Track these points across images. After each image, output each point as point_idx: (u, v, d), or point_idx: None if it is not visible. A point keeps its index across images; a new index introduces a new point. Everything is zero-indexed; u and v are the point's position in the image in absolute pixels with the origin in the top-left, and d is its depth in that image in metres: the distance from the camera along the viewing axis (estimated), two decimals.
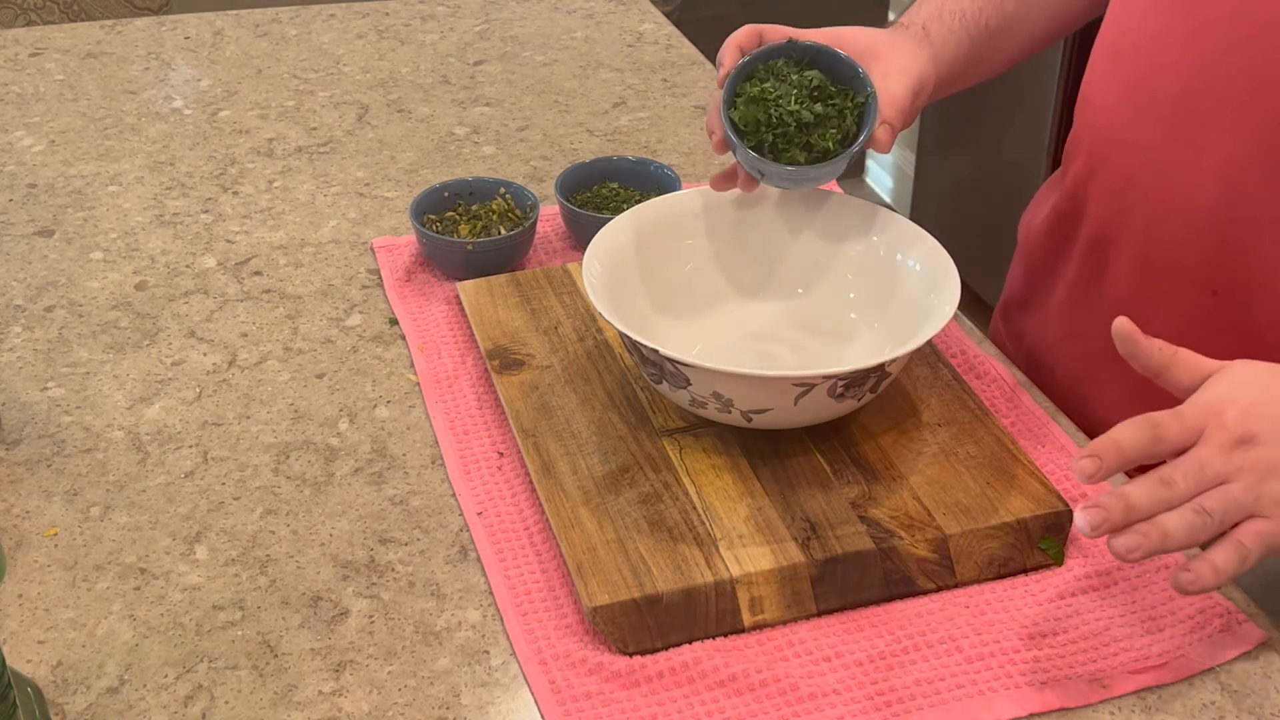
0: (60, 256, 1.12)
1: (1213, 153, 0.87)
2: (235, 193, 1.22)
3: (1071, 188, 1.01)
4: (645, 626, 0.75)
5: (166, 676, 0.75)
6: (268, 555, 0.83)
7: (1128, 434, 0.71)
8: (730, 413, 0.82)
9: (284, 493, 0.88)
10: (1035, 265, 1.08)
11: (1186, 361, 0.75)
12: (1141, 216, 0.92)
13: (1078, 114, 1.01)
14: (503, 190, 1.12)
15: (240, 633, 0.77)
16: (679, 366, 0.80)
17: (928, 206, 2.86)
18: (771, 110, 0.88)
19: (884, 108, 0.88)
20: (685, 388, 0.82)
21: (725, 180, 0.94)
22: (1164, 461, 0.72)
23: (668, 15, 1.64)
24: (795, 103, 0.88)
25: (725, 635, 0.77)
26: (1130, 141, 0.92)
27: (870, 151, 3.13)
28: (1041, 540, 0.81)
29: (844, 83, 0.90)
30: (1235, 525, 0.71)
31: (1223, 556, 0.70)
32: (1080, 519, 0.70)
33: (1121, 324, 0.75)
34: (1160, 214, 0.91)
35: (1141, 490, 0.70)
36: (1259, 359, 0.75)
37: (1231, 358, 0.75)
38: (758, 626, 0.77)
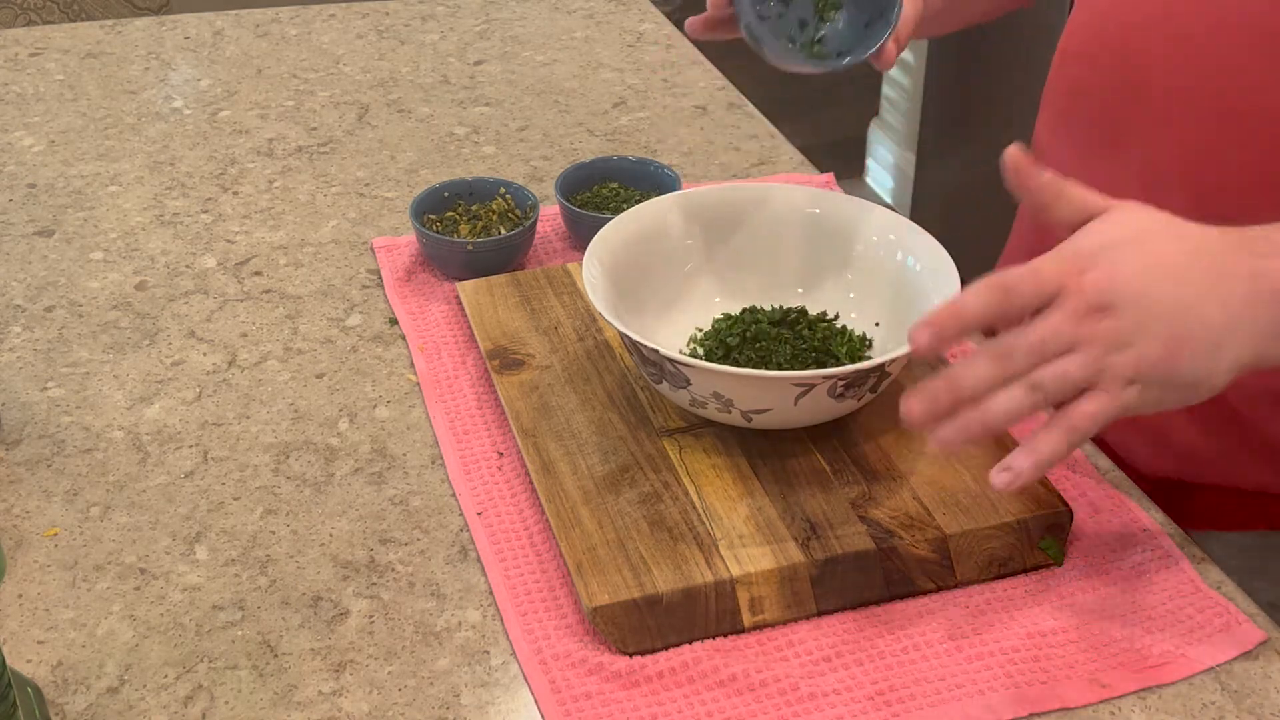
0: (60, 256, 1.12)
1: (1135, 161, 0.87)
2: (235, 193, 1.22)
3: None
4: (645, 626, 0.75)
5: (166, 676, 0.75)
6: (268, 555, 0.83)
7: (974, 301, 0.66)
8: (730, 413, 0.82)
9: (284, 493, 0.88)
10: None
11: (1072, 197, 0.71)
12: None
13: (1037, 120, 1.02)
14: (503, 190, 1.12)
15: (240, 633, 0.77)
16: (679, 366, 0.80)
17: (928, 206, 2.86)
18: None
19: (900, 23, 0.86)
20: (685, 388, 0.82)
21: (702, 25, 0.90)
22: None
23: (668, 15, 1.64)
24: None
25: (725, 635, 0.77)
26: (1067, 144, 0.92)
27: (870, 151, 3.14)
28: (1041, 540, 0.81)
29: None
30: (1068, 401, 0.67)
31: (1049, 444, 0.67)
32: (904, 410, 0.66)
33: (1012, 152, 0.70)
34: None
35: (975, 372, 0.66)
36: None
37: None
38: (758, 626, 0.77)
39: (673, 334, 0.93)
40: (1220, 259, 0.69)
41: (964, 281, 0.86)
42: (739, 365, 0.88)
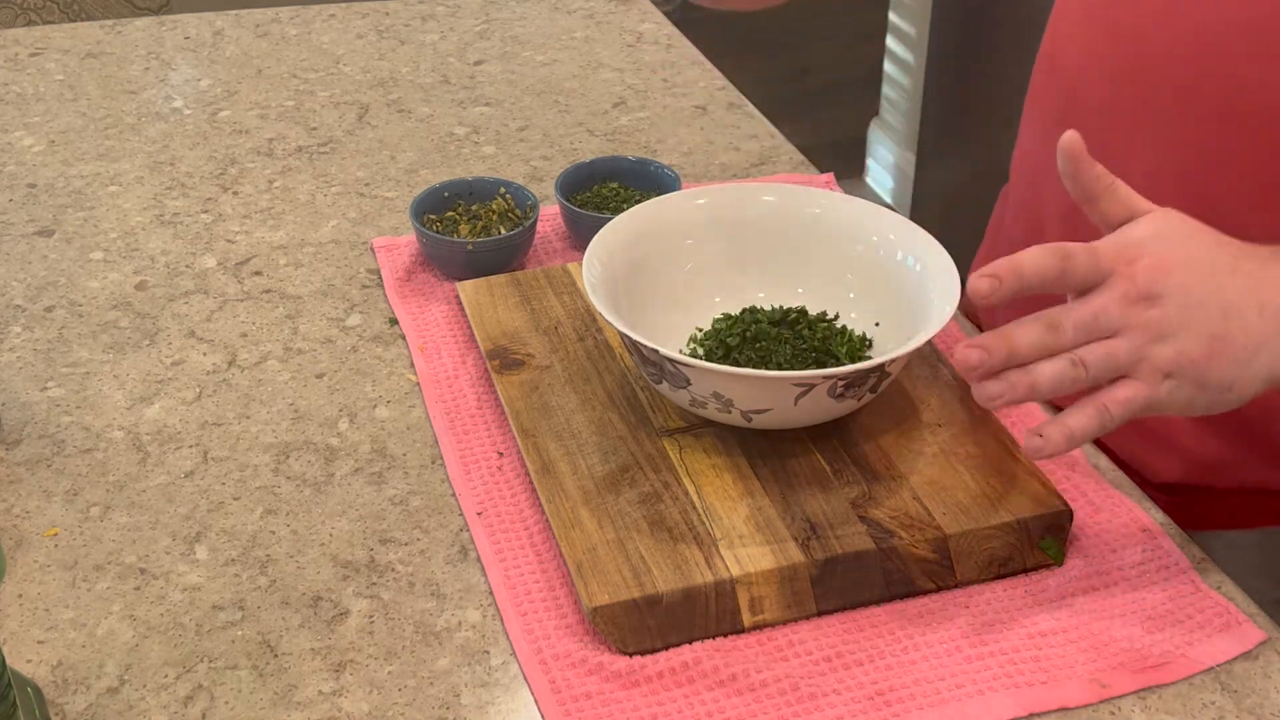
0: (60, 256, 1.12)
1: (1138, 165, 0.87)
2: (235, 193, 1.22)
3: (1017, 197, 1.02)
4: (645, 626, 0.75)
5: (166, 676, 0.75)
6: (268, 555, 0.83)
7: (1035, 259, 0.68)
8: (730, 413, 0.82)
9: (284, 493, 0.88)
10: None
11: (1121, 195, 0.73)
12: (1076, 228, 0.93)
13: (1022, 127, 1.01)
14: (503, 190, 1.12)
15: (240, 633, 0.77)
16: (679, 366, 0.80)
17: (928, 206, 2.86)
18: None
19: None
20: (685, 388, 0.82)
21: None
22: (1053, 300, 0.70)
23: (668, 15, 1.64)
24: None
25: (725, 635, 0.77)
26: None
27: (870, 151, 3.14)
28: (1041, 540, 0.81)
29: None
30: (1105, 384, 0.69)
31: (1080, 421, 0.69)
32: (960, 354, 0.68)
33: (1070, 139, 0.72)
34: (1092, 226, 0.91)
35: (1028, 334, 0.68)
36: None
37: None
38: (758, 626, 0.77)
39: (673, 334, 0.93)
40: (1260, 267, 0.71)
41: (963, 282, 0.86)
42: (739, 365, 0.88)
